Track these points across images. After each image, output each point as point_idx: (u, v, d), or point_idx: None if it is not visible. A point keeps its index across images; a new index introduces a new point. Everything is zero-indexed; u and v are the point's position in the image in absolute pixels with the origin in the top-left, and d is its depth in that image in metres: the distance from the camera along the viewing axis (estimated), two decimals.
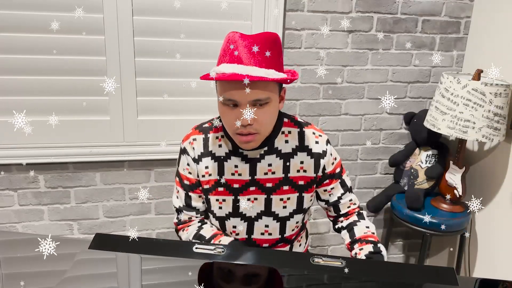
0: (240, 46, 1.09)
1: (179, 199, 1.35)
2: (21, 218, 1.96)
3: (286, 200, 1.30)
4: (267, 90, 1.12)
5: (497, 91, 1.72)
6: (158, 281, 1.00)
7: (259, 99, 1.11)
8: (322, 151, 1.30)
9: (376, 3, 1.99)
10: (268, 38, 1.11)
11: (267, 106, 1.14)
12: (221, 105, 1.15)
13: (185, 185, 1.33)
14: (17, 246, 1.15)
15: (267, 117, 1.15)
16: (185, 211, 1.35)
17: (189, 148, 1.30)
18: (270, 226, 1.32)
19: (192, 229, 1.33)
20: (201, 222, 1.36)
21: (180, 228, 1.37)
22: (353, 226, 1.34)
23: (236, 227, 1.32)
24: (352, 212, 1.40)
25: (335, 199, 1.37)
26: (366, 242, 1.27)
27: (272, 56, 1.11)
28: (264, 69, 1.09)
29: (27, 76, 1.80)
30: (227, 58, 1.11)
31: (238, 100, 1.11)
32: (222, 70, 1.09)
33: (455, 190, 1.95)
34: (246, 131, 1.14)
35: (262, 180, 1.28)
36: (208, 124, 1.32)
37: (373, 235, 1.30)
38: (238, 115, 1.12)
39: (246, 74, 1.06)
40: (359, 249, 1.27)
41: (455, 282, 0.98)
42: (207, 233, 1.30)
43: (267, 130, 1.20)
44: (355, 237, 1.31)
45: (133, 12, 1.80)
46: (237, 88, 1.09)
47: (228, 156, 1.27)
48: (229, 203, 1.30)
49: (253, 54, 1.09)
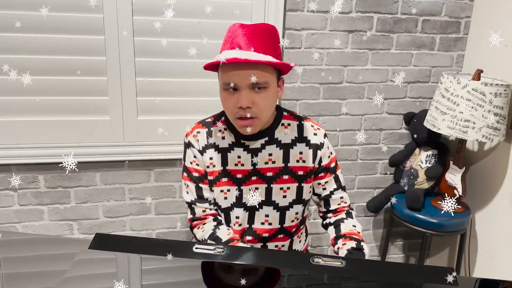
0: (240, 34, 1.17)
1: (190, 193, 1.36)
2: (21, 218, 1.96)
3: (286, 190, 1.34)
4: (265, 73, 1.17)
5: (497, 91, 1.72)
6: (158, 281, 1.00)
7: (257, 82, 1.16)
8: (319, 143, 1.35)
9: (376, 3, 1.99)
10: (266, 28, 1.20)
11: (266, 91, 1.19)
12: (222, 91, 1.22)
13: (194, 178, 1.35)
14: (17, 246, 1.15)
15: (265, 102, 1.20)
16: (198, 204, 1.35)
17: (194, 141, 1.33)
18: (270, 215, 1.35)
19: (208, 227, 1.33)
20: (216, 220, 1.35)
21: (195, 225, 1.36)
22: (340, 223, 1.37)
23: (239, 218, 1.35)
24: (341, 210, 1.43)
25: (327, 193, 1.40)
26: (350, 238, 1.30)
27: (270, 44, 1.19)
28: (263, 54, 1.16)
29: (27, 76, 1.80)
30: (228, 45, 1.19)
31: (238, 83, 1.17)
32: (223, 56, 1.16)
33: (455, 190, 1.95)
34: (245, 114, 1.18)
35: (262, 169, 1.32)
36: (210, 119, 1.37)
37: (358, 234, 1.33)
38: (238, 99, 1.18)
39: (245, 58, 1.12)
40: (342, 243, 1.29)
41: (455, 282, 0.98)
42: (224, 236, 1.30)
43: (266, 116, 1.24)
44: (340, 233, 1.34)
45: (133, 12, 1.80)
46: (237, 72, 1.16)
47: (231, 147, 1.32)
48: (233, 194, 1.33)
49: (252, 41, 1.16)
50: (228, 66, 1.16)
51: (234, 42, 1.17)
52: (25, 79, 1.79)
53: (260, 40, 1.16)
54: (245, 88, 1.17)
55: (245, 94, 1.17)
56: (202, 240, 1.32)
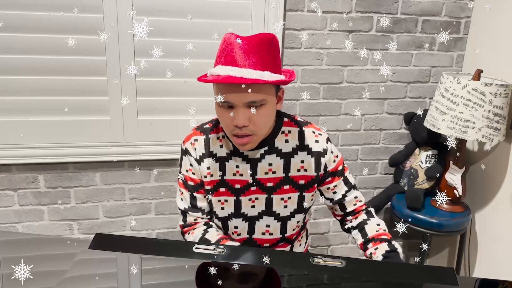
0: (235, 48, 1.09)
1: (184, 200, 1.33)
2: (21, 218, 1.96)
3: (287, 200, 1.30)
4: (262, 92, 1.11)
5: (497, 91, 1.72)
6: (158, 281, 1.00)
7: (254, 101, 1.11)
8: (322, 150, 1.30)
9: (376, 3, 1.99)
10: (264, 39, 1.11)
11: (263, 108, 1.13)
12: (218, 106, 1.16)
13: (189, 186, 1.32)
14: (17, 246, 1.15)
15: (262, 119, 1.15)
16: (191, 212, 1.33)
17: (191, 149, 1.29)
18: (271, 226, 1.32)
19: (198, 232, 1.31)
20: (206, 225, 1.34)
21: (186, 231, 1.35)
22: (364, 225, 1.33)
23: (237, 228, 1.32)
24: (359, 210, 1.39)
25: (339, 197, 1.36)
26: (380, 240, 1.26)
27: (267, 57, 1.10)
28: (259, 71, 1.08)
29: (27, 76, 1.80)
30: (222, 60, 1.11)
31: (233, 102, 1.11)
32: (217, 72, 1.09)
33: (455, 190, 1.95)
34: (242, 132, 1.14)
35: (262, 179, 1.28)
36: (209, 125, 1.32)
37: (385, 233, 1.29)
38: (234, 116, 1.12)
39: (240, 77, 1.06)
40: (374, 248, 1.26)
41: (455, 282, 0.98)
42: (213, 238, 1.28)
43: (263, 132, 1.19)
44: (367, 237, 1.30)
45: (133, 12, 1.80)
46: (232, 91, 1.09)
47: (229, 157, 1.27)
48: (231, 204, 1.30)
49: (248, 56, 1.08)
50: (222, 83, 1.10)
51: (228, 56, 1.09)
52: (25, 79, 1.79)
53: (257, 55, 1.08)
54: (241, 107, 1.11)
55: (241, 113, 1.11)
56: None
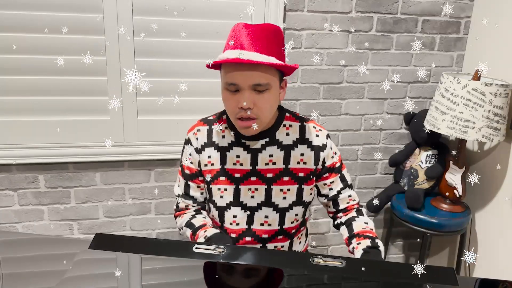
0: (243, 34, 1.16)
1: (180, 187, 1.42)
2: (21, 218, 1.96)
3: (286, 191, 1.33)
4: (267, 74, 1.17)
5: (497, 91, 1.72)
6: (158, 281, 1.00)
7: (259, 83, 1.16)
8: (322, 144, 1.34)
9: (376, 3, 1.99)
10: (270, 28, 1.19)
11: (267, 92, 1.19)
12: (224, 91, 1.22)
13: (185, 175, 1.38)
14: (17, 246, 1.15)
15: (267, 103, 1.20)
16: (183, 199, 1.41)
17: (193, 139, 1.35)
18: (269, 216, 1.35)
19: (186, 216, 1.39)
20: (196, 211, 1.41)
21: (177, 215, 1.44)
22: (352, 222, 1.36)
23: (236, 217, 1.35)
24: (351, 208, 1.42)
25: (334, 193, 1.39)
26: (364, 237, 1.29)
27: (274, 45, 1.17)
28: (265, 55, 1.14)
29: (27, 76, 1.80)
30: (231, 45, 1.18)
31: (239, 84, 1.16)
32: (226, 56, 1.16)
33: (455, 190, 1.95)
34: (246, 115, 1.18)
35: (262, 170, 1.32)
36: (212, 117, 1.38)
37: (371, 231, 1.32)
38: (240, 99, 1.17)
39: (247, 59, 1.12)
40: (356, 243, 1.28)
41: (455, 282, 0.98)
42: (197, 222, 1.36)
43: (267, 117, 1.23)
44: (353, 232, 1.32)
45: (133, 12, 1.80)
46: (239, 72, 1.15)
47: (230, 146, 1.32)
48: (230, 192, 1.33)
49: (255, 42, 1.15)
50: (230, 66, 1.17)
51: (237, 41, 1.16)
52: (25, 79, 1.79)
53: (263, 41, 1.16)
54: (246, 89, 1.16)
55: (247, 95, 1.16)
56: (180, 228, 1.40)
